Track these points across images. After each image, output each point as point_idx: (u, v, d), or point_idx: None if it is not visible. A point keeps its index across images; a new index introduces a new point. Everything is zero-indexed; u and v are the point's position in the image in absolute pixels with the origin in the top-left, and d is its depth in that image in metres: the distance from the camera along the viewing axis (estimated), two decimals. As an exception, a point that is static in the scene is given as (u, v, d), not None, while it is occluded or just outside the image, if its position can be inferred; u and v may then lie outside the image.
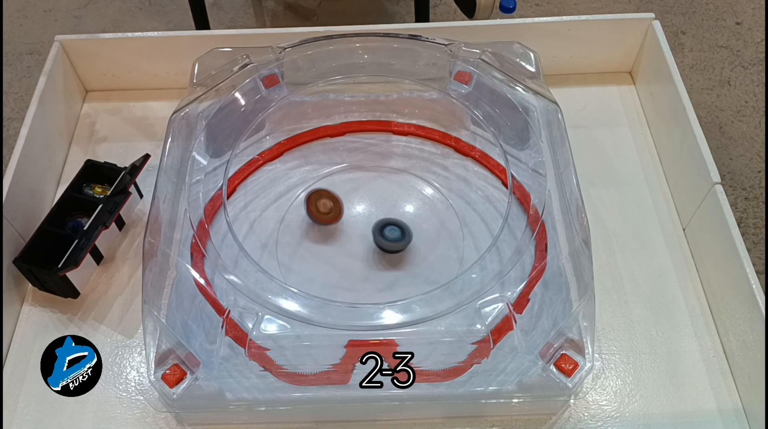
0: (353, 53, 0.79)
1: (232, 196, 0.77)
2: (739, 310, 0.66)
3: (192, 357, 0.60)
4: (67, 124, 0.87)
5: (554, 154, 0.74)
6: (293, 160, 0.81)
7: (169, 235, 0.69)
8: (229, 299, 0.65)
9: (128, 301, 0.71)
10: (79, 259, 0.68)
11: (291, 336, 0.62)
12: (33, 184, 0.76)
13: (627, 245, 0.75)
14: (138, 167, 0.75)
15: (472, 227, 0.75)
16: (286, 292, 0.63)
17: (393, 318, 0.61)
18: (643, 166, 0.83)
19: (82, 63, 0.88)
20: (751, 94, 1.73)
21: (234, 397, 0.61)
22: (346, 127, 0.83)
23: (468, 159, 0.81)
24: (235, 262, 0.67)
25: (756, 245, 1.47)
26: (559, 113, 0.75)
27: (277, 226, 0.75)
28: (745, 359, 0.65)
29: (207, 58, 0.79)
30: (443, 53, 0.79)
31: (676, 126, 0.79)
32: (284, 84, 0.78)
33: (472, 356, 0.62)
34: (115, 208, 0.72)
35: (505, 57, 0.80)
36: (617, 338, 0.69)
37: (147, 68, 0.89)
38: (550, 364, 0.60)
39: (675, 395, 0.65)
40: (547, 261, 0.68)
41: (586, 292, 0.63)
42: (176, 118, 0.75)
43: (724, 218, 0.67)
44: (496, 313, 0.62)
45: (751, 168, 1.59)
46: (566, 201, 0.70)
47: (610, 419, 0.64)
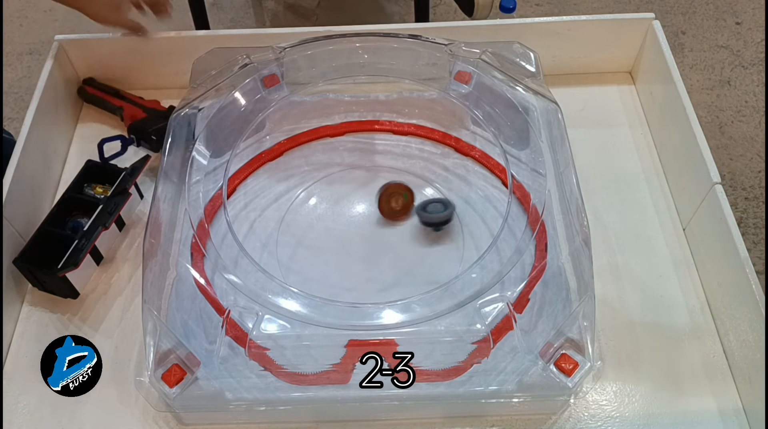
0: (353, 53, 0.79)
1: (232, 195, 0.77)
2: (739, 310, 0.66)
3: (192, 357, 0.60)
4: (67, 124, 0.86)
5: (554, 154, 0.74)
6: (293, 160, 0.81)
7: (169, 235, 0.69)
8: (229, 299, 0.65)
9: (128, 302, 0.71)
10: (79, 259, 0.68)
11: (291, 336, 0.62)
12: (33, 184, 0.76)
13: (627, 245, 0.75)
14: (138, 168, 0.75)
15: (472, 227, 0.75)
16: (286, 291, 0.63)
17: (393, 318, 0.61)
18: (643, 166, 0.83)
19: (82, 63, 0.88)
20: (751, 94, 1.73)
21: (234, 397, 0.61)
22: (346, 127, 0.83)
23: (468, 159, 0.81)
24: (235, 262, 0.67)
25: (756, 245, 1.47)
26: (559, 113, 0.75)
27: (277, 226, 0.75)
28: (745, 359, 0.65)
29: (207, 58, 0.79)
30: (443, 53, 0.79)
31: (676, 126, 0.79)
32: (284, 84, 0.78)
33: (472, 356, 0.62)
34: (115, 209, 0.72)
35: (506, 57, 0.80)
36: (617, 338, 0.69)
37: (147, 68, 0.89)
38: (550, 363, 0.60)
39: (675, 395, 0.65)
40: (547, 261, 0.68)
41: (586, 292, 0.63)
42: (176, 117, 0.75)
43: (724, 218, 0.67)
44: (496, 313, 0.62)
45: (751, 168, 1.59)
46: (566, 201, 0.70)
47: (610, 419, 0.64)
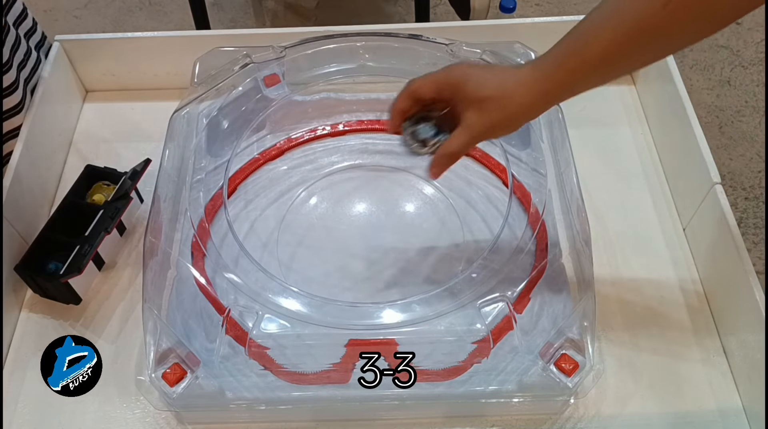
0: (354, 53, 0.79)
1: (233, 195, 0.77)
2: (739, 310, 0.66)
3: (192, 356, 0.60)
4: (67, 124, 0.86)
5: (555, 154, 0.74)
6: (293, 159, 0.81)
7: (169, 235, 0.69)
8: (229, 298, 0.65)
9: (129, 304, 0.71)
10: (82, 265, 0.68)
11: (291, 335, 0.62)
12: (33, 184, 0.76)
13: (627, 245, 0.75)
14: (139, 172, 0.74)
15: (472, 227, 0.75)
16: (286, 291, 0.63)
17: (393, 317, 0.61)
18: (643, 166, 0.83)
19: (82, 63, 0.88)
20: (751, 94, 1.73)
21: (234, 396, 0.61)
22: (347, 126, 0.83)
23: (468, 158, 0.81)
24: (236, 261, 0.67)
25: (756, 245, 1.47)
26: (560, 113, 0.75)
27: (277, 226, 0.75)
28: (745, 359, 0.65)
29: (208, 58, 0.79)
30: (444, 53, 0.79)
31: (676, 126, 0.79)
32: (285, 83, 0.78)
33: (472, 356, 0.62)
34: (116, 214, 0.72)
35: (506, 57, 0.80)
36: (617, 338, 0.69)
37: (147, 68, 0.89)
38: (550, 363, 0.60)
39: (675, 395, 0.65)
40: (548, 261, 0.68)
41: (586, 292, 0.63)
42: (177, 117, 0.75)
43: (724, 218, 0.67)
44: (496, 313, 0.62)
45: (751, 168, 1.59)
46: (566, 201, 0.70)
47: (610, 419, 0.64)
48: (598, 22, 0.51)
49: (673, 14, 0.47)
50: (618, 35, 0.50)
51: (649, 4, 0.48)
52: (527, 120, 0.57)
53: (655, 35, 0.50)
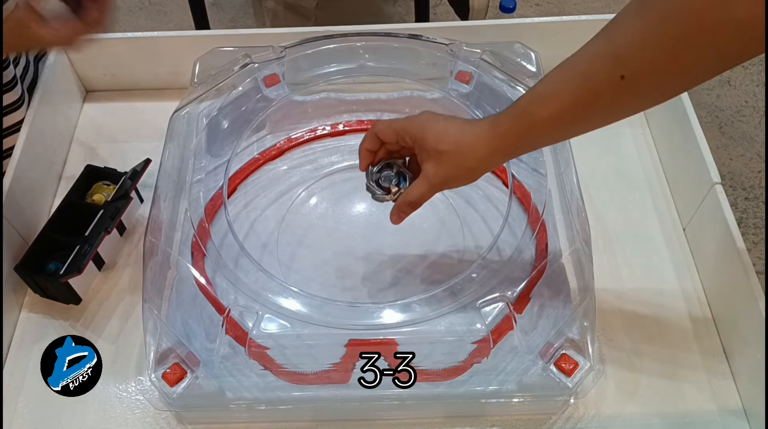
0: (354, 53, 0.79)
1: (233, 195, 0.77)
2: (739, 310, 0.66)
3: (192, 356, 0.60)
4: (67, 123, 0.86)
5: (555, 154, 0.74)
6: (293, 159, 0.81)
7: (169, 234, 0.69)
8: (229, 298, 0.65)
9: (129, 305, 0.71)
10: (82, 265, 0.68)
11: (291, 335, 0.62)
12: (33, 184, 0.76)
13: (627, 245, 0.75)
14: (139, 172, 0.74)
15: (472, 227, 0.75)
16: (286, 291, 0.63)
17: (393, 317, 0.61)
18: (643, 166, 0.83)
19: (82, 63, 0.88)
20: (751, 94, 1.73)
21: (234, 396, 0.61)
22: (347, 126, 0.83)
23: (468, 159, 0.81)
24: (236, 262, 0.67)
25: (756, 245, 1.47)
26: (560, 113, 0.75)
27: (277, 226, 0.75)
28: (745, 359, 0.65)
29: (208, 58, 0.79)
30: (444, 53, 0.79)
31: (676, 126, 0.79)
32: (285, 83, 0.78)
33: (472, 356, 0.62)
34: (116, 214, 0.72)
35: (506, 57, 0.80)
36: (617, 338, 0.69)
37: (147, 68, 0.89)
38: (550, 363, 0.60)
39: (675, 395, 0.65)
40: (548, 261, 0.68)
41: (586, 292, 0.63)
42: (177, 117, 0.75)
43: (724, 218, 0.67)
44: (496, 313, 0.62)
45: (751, 168, 1.59)
46: (566, 201, 0.70)
47: (610, 419, 0.64)
48: (557, 85, 0.52)
49: (628, 87, 0.48)
50: (572, 100, 0.51)
51: (608, 75, 0.48)
52: (486, 171, 0.59)
53: (609, 104, 0.50)
